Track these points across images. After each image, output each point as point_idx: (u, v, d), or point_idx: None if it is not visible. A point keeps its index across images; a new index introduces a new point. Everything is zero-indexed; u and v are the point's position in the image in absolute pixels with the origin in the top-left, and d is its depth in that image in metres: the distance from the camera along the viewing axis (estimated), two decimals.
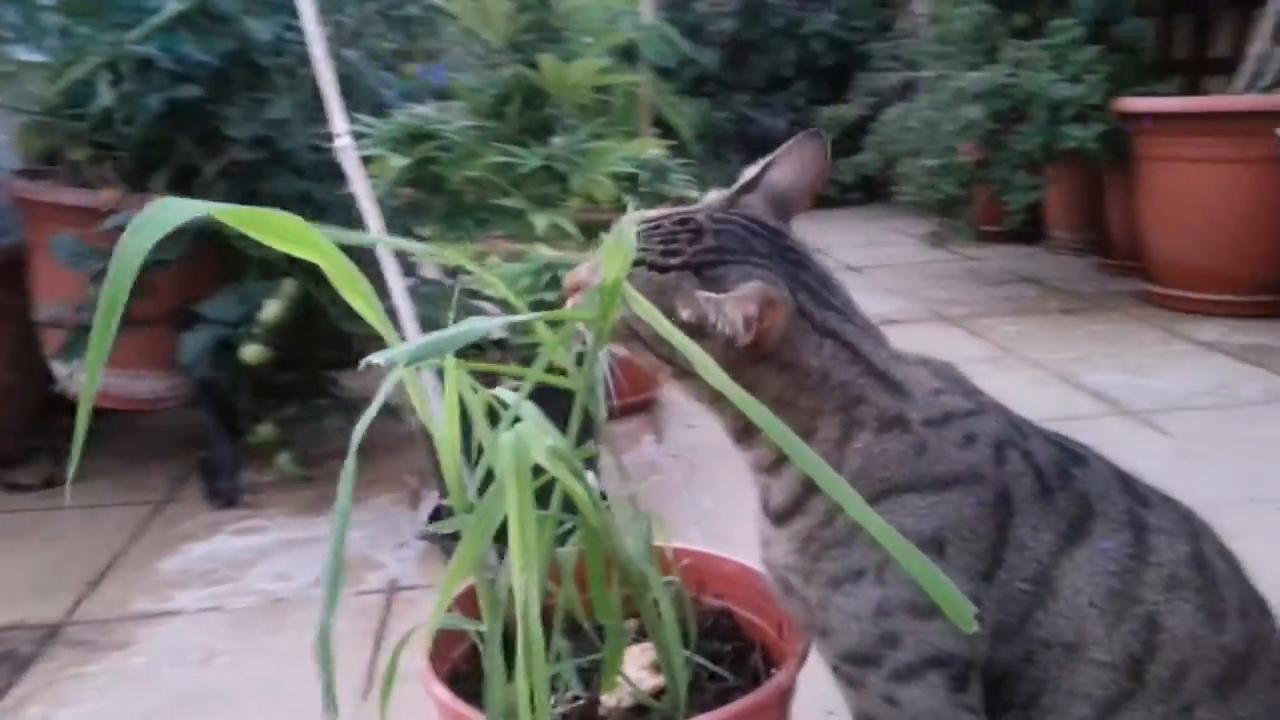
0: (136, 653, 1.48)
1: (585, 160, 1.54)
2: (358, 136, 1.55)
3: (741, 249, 0.81)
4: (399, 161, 1.43)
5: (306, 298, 1.95)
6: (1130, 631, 0.76)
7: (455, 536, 1.67)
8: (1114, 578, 0.77)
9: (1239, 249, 2.97)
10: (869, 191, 5.63)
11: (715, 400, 0.82)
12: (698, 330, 0.76)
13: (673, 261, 0.81)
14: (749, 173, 0.87)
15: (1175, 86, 3.56)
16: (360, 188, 1.07)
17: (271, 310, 1.82)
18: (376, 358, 0.65)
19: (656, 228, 0.83)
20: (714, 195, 0.87)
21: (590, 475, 0.81)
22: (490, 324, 0.69)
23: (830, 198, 5.72)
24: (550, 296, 1.44)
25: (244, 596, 1.63)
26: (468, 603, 0.99)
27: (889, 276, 3.81)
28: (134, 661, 1.46)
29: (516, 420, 0.75)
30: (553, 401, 1.33)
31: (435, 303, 1.67)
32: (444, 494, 1.79)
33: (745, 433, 0.83)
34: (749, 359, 0.78)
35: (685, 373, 0.80)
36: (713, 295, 0.76)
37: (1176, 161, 3.04)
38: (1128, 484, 0.82)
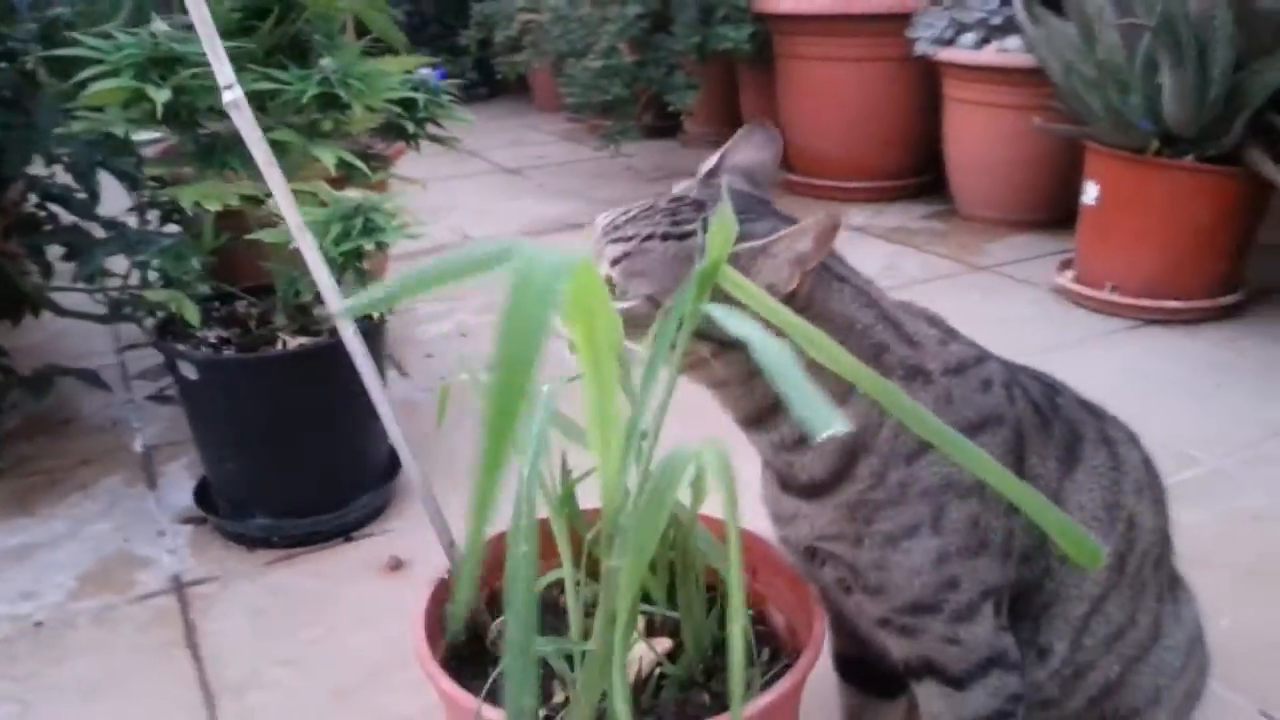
0: None
1: (364, 83, 1.37)
2: (82, 63, 1.27)
3: (747, 209, 0.79)
4: (161, 95, 1.18)
5: None
6: (1119, 534, 0.87)
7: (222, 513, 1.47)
8: (1106, 491, 0.86)
9: (873, 140, 3.31)
10: (492, 87, 5.54)
11: (745, 380, 0.79)
12: None
13: (689, 228, 0.78)
14: (709, 162, 0.87)
15: None
16: (259, 153, 0.88)
17: None
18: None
19: (649, 209, 0.81)
20: (682, 184, 0.85)
21: None
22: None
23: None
24: (368, 244, 1.29)
25: None
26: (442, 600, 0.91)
27: (551, 178, 3.81)
28: None
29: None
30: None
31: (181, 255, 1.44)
32: (210, 466, 1.57)
33: (770, 411, 0.81)
34: None
35: (725, 348, 0.77)
36: (756, 243, 0.74)
37: (816, 60, 3.30)
38: (1084, 402, 0.91)
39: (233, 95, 0.82)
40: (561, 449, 0.87)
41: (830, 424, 0.40)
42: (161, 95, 1.19)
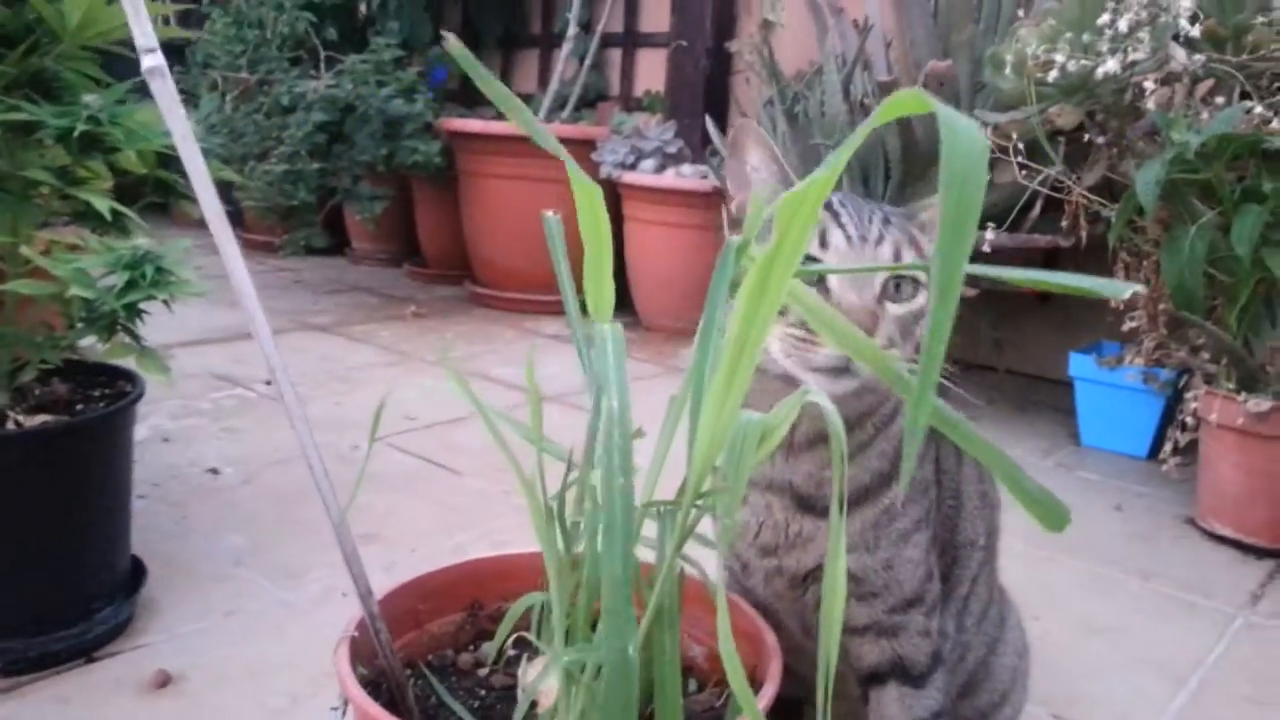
0: None
1: (135, 126, 1.22)
2: None
3: None
4: None
5: None
6: (990, 518, 0.95)
7: None
8: (979, 481, 0.94)
9: None
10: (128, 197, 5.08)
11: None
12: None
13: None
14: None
15: (489, 114, 3.96)
16: (179, 128, 0.73)
17: None
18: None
19: (845, 203, 0.82)
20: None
21: None
22: None
23: None
24: (160, 296, 1.14)
25: None
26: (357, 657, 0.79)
27: (219, 288, 3.52)
28: None
29: None
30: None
31: None
32: None
33: (856, 421, 0.81)
34: None
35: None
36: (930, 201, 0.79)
37: (502, 178, 3.39)
38: None
39: (154, 61, 0.71)
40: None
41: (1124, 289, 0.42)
42: None
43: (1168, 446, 2.05)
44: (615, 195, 3.28)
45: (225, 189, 3.32)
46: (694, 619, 0.93)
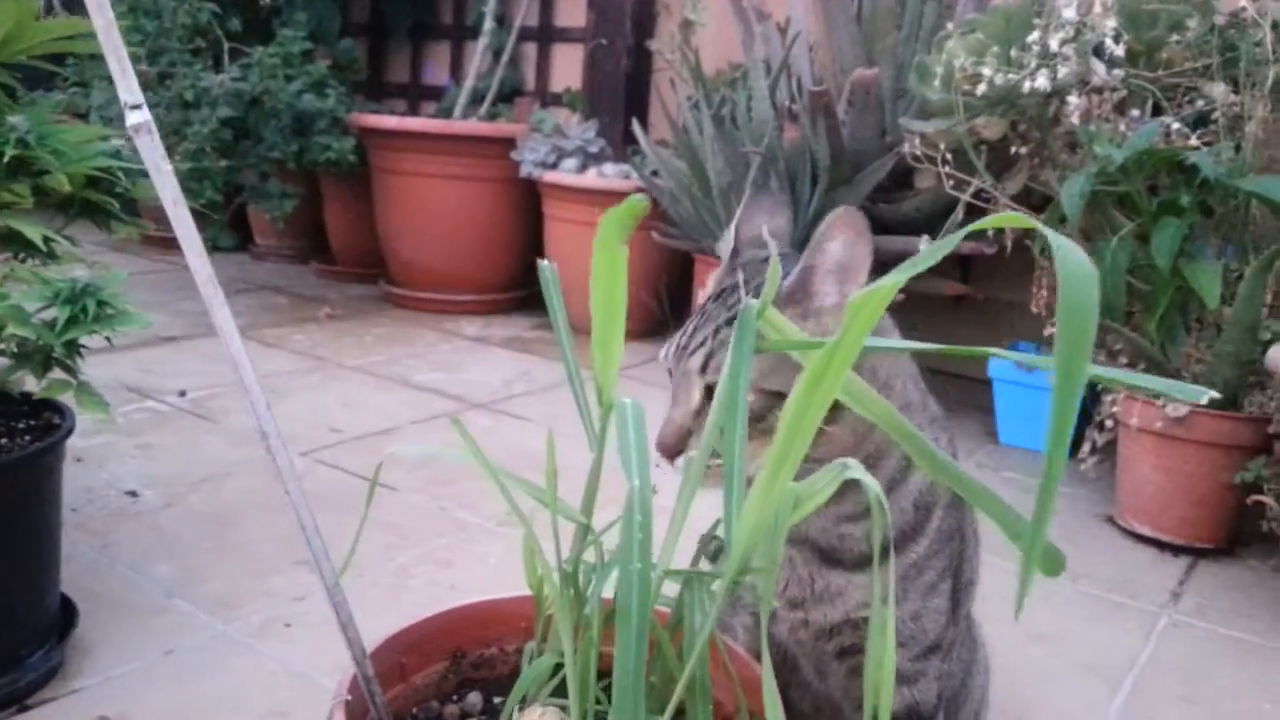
0: None
1: (65, 148, 1.15)
2: None
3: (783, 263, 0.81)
4: None
5: None
6: (978, 555, 0.97)
7: None
8: (974, 520, 0.96)
9: (479, 255, 3.38)
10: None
11: (858, 442, 0.78)
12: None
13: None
14: (728, 241, 0.87)
15: (398, 108, 3.87)
16: (169, 192, 0.68)
17: None
18: None
19: (700, 312, 0.82)
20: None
21: None
22: None
23: None
24: (105, 331, 1.07)
25: None
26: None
27: (125, 291, 3.38)
28: None
29: None
30: None
31: None
32: None
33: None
34: None
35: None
36: (792, 274, 0.76)
37: (420, 176, 3.31)
38: None
39: (142, 117, 0.66)
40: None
41: (1202, 393, 0.43)
42: None
43: (1086, 446, 2.12)
44: (535, 194, 3.25)
45: None
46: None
